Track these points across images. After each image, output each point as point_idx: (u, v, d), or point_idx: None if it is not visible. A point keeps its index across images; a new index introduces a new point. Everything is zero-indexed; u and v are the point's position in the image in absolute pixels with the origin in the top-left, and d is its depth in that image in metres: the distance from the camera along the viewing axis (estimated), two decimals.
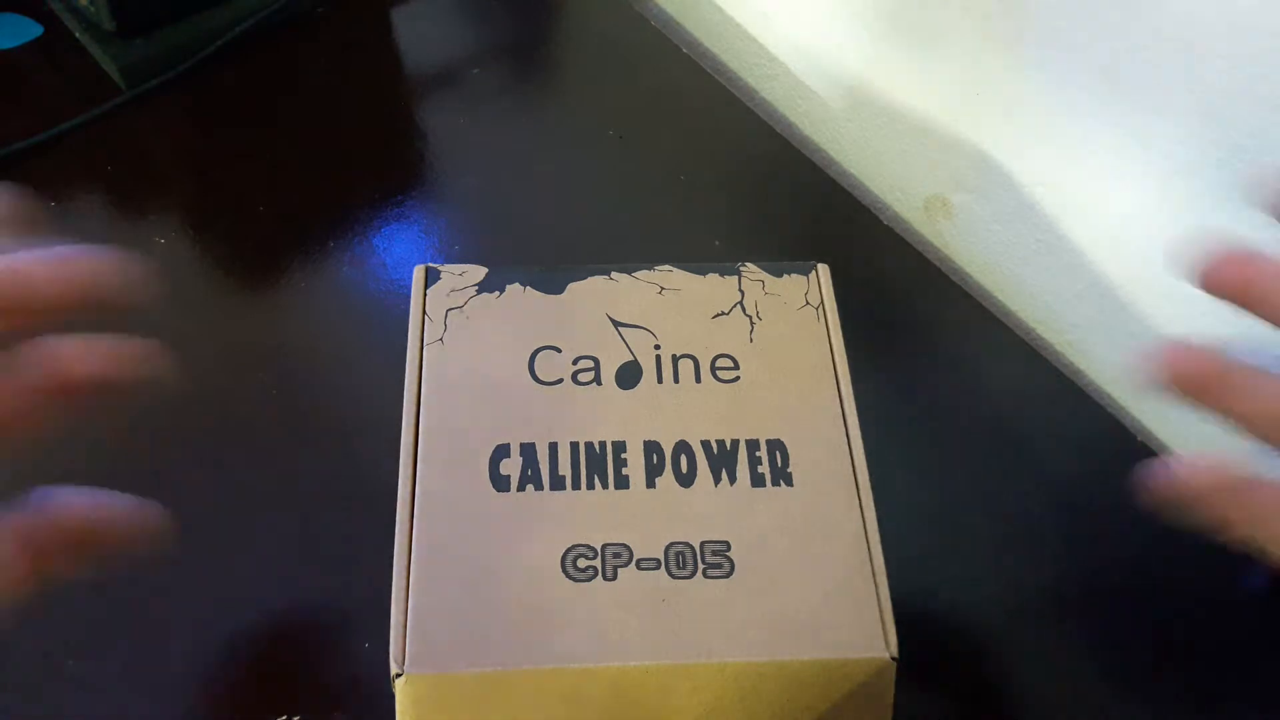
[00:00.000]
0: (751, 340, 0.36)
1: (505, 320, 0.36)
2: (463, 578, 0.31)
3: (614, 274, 0.37)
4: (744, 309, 0.37)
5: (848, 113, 0.56)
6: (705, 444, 0.33)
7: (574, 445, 0.33)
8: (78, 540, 0.25)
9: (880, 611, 0.31)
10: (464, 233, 0.51)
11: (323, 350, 0.47)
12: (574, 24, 0.62)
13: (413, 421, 0.33)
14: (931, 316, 0.50)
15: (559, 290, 0.37)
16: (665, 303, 0.37)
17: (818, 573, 0.31)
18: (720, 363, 0.35)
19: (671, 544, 0.31)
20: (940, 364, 0.48)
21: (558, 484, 0.32)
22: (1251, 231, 0.41)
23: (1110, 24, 0.42)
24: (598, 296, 0.37)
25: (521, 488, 0.32)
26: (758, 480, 0.33)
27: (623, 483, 0.33)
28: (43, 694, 0.37)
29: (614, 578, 0.31)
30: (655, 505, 0.32)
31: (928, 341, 0.49)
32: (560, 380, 0.35)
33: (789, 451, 0.33)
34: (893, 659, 0.30)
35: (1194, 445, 0.47)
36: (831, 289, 0.37)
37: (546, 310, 0.36)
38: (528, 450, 0.33)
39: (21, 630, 0.37)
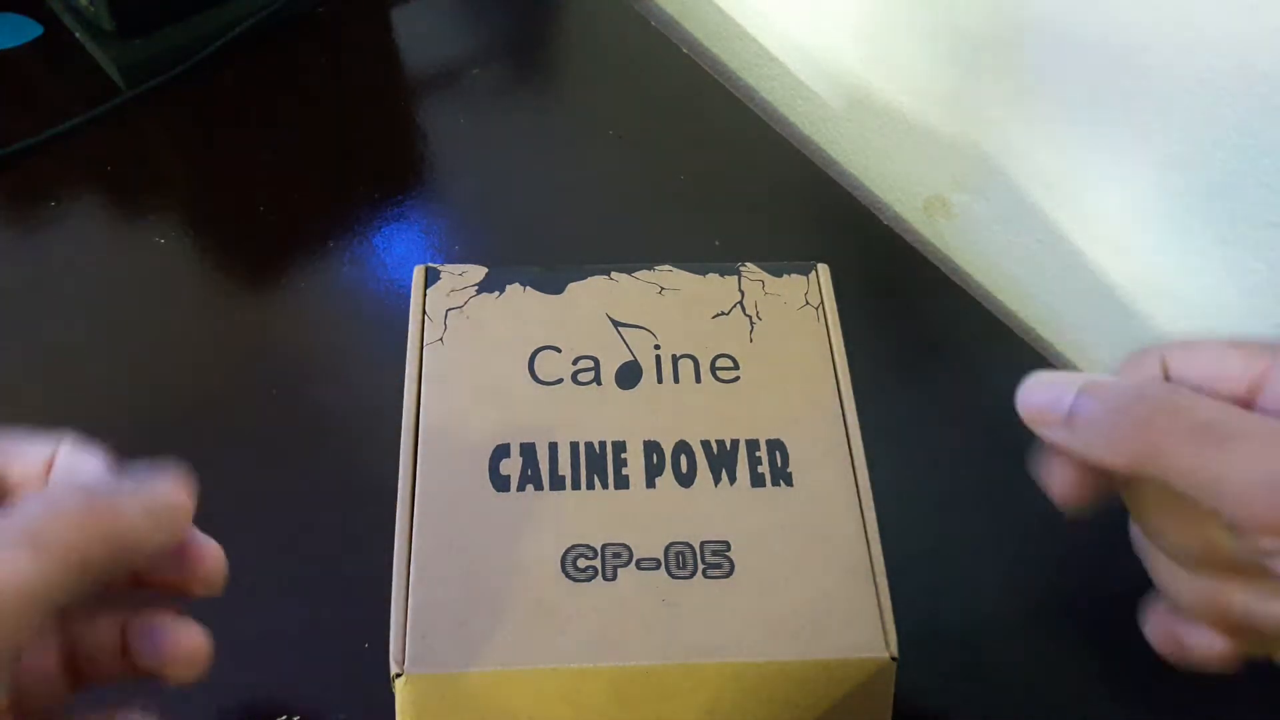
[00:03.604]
0: (751, 340, 0.36)
1: (505, 320, 0.36)
2: (463, 578, 0.31)
3: (614, 274, 0.37)
4: (744, 309, 0.37)
5: (847, 112, 0.56)
6: (705, 444, 0.33)
7: (574, 445, 0.33)
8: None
9: (880, 611, 0.31)
10: (464, 233, 0.51)
11: (323, 350, 0.47)
12: (574, 24, 0.62)
13: (413, 421, 0.33)
14: (931, 316, 0.50)
15: (559, 290, 0.37)
16: (665, 303, 0.37)
17: (818, 573, 0.31)
18: (720, 363, 0.35)
19: (671, 544, 0.31)
20: (940, 364, 0.48)
21: (558, 484, 0.32)
22: (1251, 231, 0.41)
23: (1111, 23, 0.42)
24: (598, 296, 0.37)
25: (521, 487, 0.32)
26: (758, 480, 0.33)
27: (623, 483, 0.33)
28: None
29: (614, 578, 0.31)
30: (655, 505, 0.32)
31: (928, 341, 0.49)
32: (560, 380, 0.35)
33: (789, 451, 0.33)
34: (893, 659, 0.30)
35: None
36: (831, 289, 0.37)
37: (546, 310, 0.36)
38: (528, 450, 0.33)
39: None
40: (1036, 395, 0.25)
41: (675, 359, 0.35)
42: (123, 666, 0.26)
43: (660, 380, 0.35)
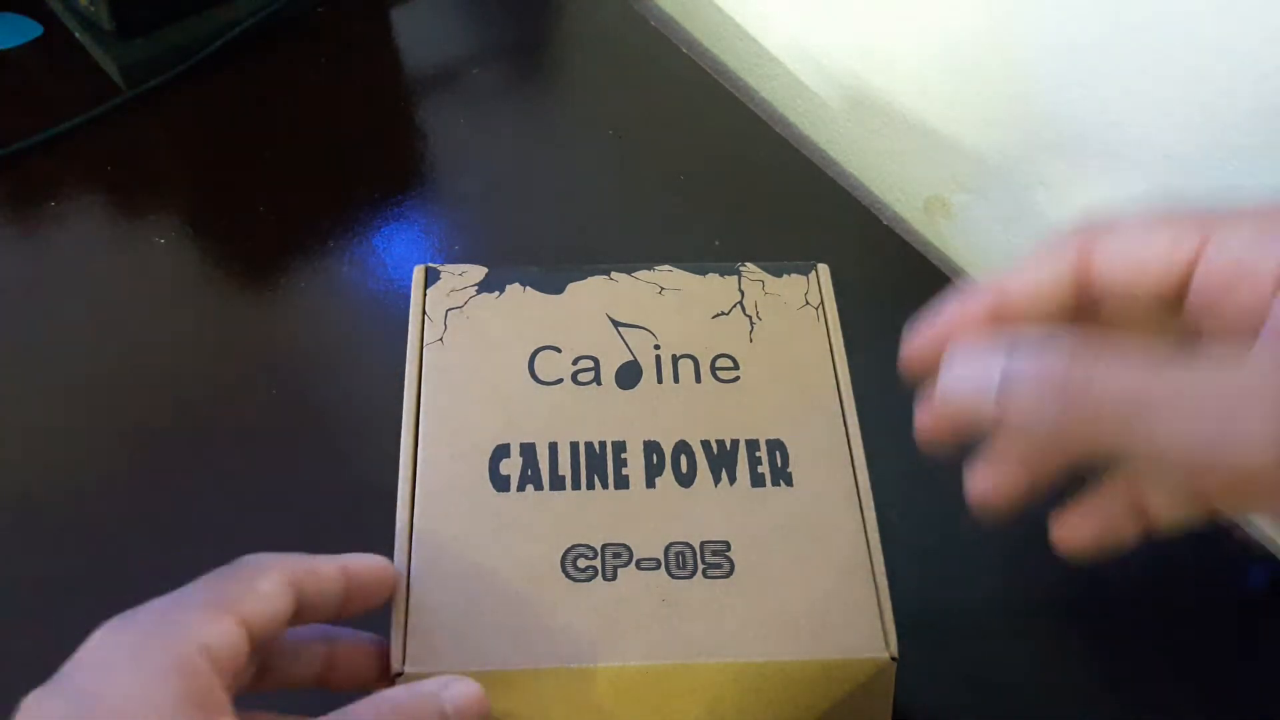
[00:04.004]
0: (751, 340, 0.36)
1: (505, 320, 0.36)
2: (463, 577, 0.31)
3: (614, 274, 0.37)
4: (744, 309, 0.37)
5: (847, 112, 0.56)
6: (705, 444, 0.33)
7: (574, 445, 0.33)
8: None
9: (880, 611, 0.31)
10: (464, 233, 0.51)
11: (323, 350, 0.47)
12: (574, 24, 0.62)
13: (413, 421, 0.33)
14: None
15: (559, 290, 0.37)
16: (665, 303, 0.37)
17: (818, 573, 0.31)
18: (720, 363, 0.35)
19: (671, 544, 0.31)
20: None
21: (558, 484, 0.32)
22: None
23: (1110, 24, 0.42)
24: (598, 296, 0.37)
25: (521, 488, 0.32)
26: (758, 480, 0.33)
27: (623, 483, 0.33)
28: None
29: (614, 578, 0.31)
30: (655, 505, 0.32)
31: None
32: (560, 380, 0.35)
33: (789, 451, 0.33)
34: (893, 659, 0.30)
35: None
36: (831, 289, 0.37)
37: (546, 310, 0.36)
38: (528, 450, 0.33)
39: (22, 637, 0.37)
40: (959, 376, 0.22)
41: (675, 359, 0.35)
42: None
43: (660, 380, 0.35)
